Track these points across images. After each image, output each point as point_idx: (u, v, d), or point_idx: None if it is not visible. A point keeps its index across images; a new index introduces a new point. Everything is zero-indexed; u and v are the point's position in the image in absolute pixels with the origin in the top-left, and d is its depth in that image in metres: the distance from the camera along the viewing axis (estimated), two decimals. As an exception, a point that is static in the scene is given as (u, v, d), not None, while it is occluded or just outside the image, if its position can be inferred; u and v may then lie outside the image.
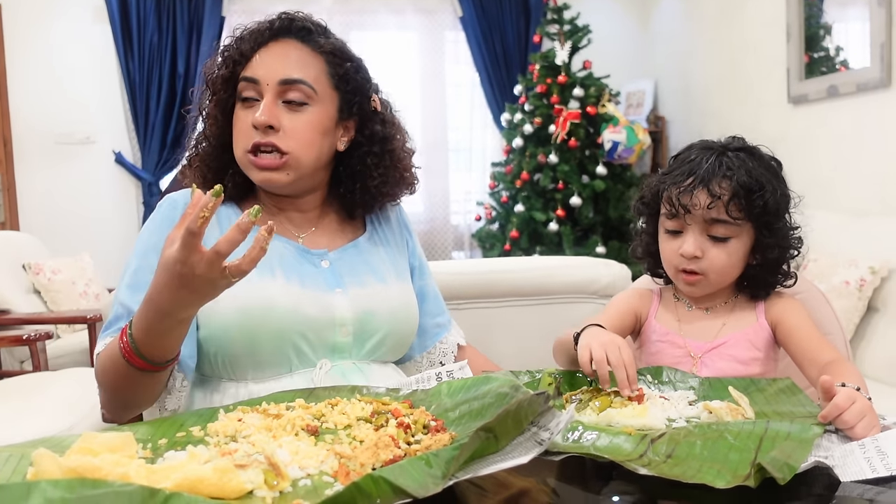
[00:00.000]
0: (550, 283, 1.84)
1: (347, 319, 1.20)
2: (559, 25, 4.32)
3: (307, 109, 1.19)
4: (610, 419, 0.92)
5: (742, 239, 1.19)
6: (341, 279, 1.23)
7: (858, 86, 3.15)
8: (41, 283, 3.48)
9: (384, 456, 0.76)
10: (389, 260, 1.32)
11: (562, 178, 4.12)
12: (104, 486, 0.61)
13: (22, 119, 4.40)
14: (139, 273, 1.15)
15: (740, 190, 1.15)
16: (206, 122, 1.25)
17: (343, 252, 1.27)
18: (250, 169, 1.19)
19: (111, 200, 4.57)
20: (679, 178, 1.19)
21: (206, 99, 1.26)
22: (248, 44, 1.21)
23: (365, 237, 1.32)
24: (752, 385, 1.03)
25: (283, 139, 1.17)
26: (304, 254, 1.23)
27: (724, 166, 1.16)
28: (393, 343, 1.26)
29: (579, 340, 1.11)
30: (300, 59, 1.21)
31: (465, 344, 1.41)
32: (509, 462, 0.72)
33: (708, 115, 4.41)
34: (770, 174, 1.19)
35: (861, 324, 2.60)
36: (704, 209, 1.16)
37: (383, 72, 5.31)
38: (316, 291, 1.19)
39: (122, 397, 1.08)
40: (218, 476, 0.65)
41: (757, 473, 0.72)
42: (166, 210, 1.22)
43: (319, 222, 1.29)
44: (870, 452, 0.80)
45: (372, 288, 1.25)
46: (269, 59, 1.20)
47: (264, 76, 1.18)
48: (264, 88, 1.18)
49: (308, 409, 0.92)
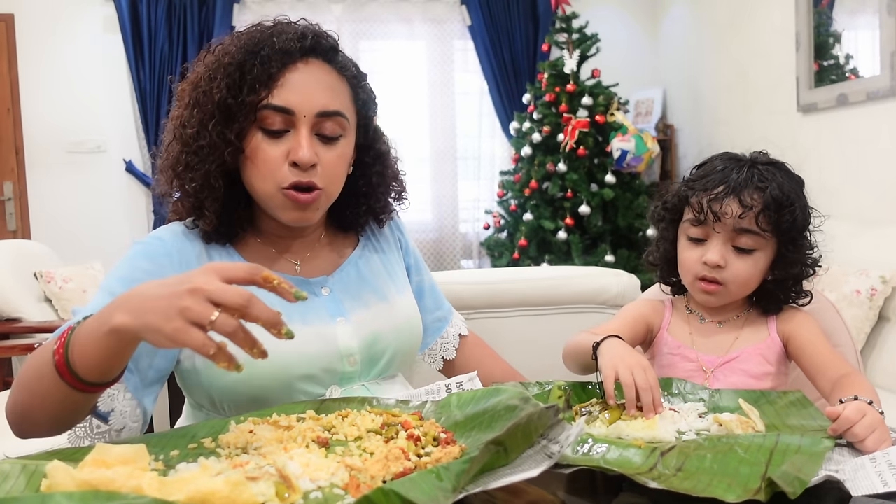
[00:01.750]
0: (559, 294, 1.84)
1: (353, 349, 1.15)
2: (568, 34, 4.33)
3: (340, 142, 1.11)
4: (620, 432, 0.92)
5: (765, 252, 1.18)
6: (342, 306, 1.17)
7: (868, 94, 3.14)
8: (52, 291, 3.51)
9: (394, 468, 0.76)
10: (387, 271, 1.27)
11: (570, 186, 4.12)
12: (118, 499, 0.61)
13: (34, 128, 4.44)
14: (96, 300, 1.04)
15: (772, 202, 1.14)
16: (208, 151, 1.07)
17: (341, 274, 1.21)
18: (283, 207, 1.09)
19: (122, 209, 4.59)
20: (710, 185, 1.18)
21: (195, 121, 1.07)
22: (276, 66, 1.06)
23: (359, 250, 1.26)
24: (762, 398, 1.02)
25: (319, 176, 1.08)
26: (304, 285, 1.15)
27: (757, 178, 1.16)
28: (401, 359, 1.24)
29: (601, 355, 1.09)
30: (332, 86, 1.10)
31: (466, 334, 1.38)
32: (519, 475, 0.72)
33: (717, 123, 4.40)
34: (798, 190, 1.19)
35: (872, 333, 2.58)
36: (735, 218, 1.15)
37: (392, 81, 5.31)
38: (318, 325, 1.13)
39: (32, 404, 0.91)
40: (230, 489, 0.66)
41: (767, 487, 0.72)
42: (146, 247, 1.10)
43: (316, 244, 1.23)
44: (881, 466, 0.79)
45: (375, 308, 1.20)
46: (303, 85, 1.07)
47: (300, 106, 1.06)
48: (299, 120, 1.06)
49: (318, 420, 0.93)
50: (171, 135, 1.12)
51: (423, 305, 1.35)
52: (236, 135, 1.06)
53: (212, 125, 1.06)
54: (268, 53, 1.06)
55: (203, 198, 1.09)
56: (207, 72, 1.08)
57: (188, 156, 1.08)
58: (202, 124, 1.06)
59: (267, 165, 1.07)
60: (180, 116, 1.10)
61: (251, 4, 4.65)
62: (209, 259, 1.14)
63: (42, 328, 3.05)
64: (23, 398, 0.92)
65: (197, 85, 1.09)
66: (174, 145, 1.11)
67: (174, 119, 1.12)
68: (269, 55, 1.06)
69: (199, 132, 1.07)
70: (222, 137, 1.06)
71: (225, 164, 1.08)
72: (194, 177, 1.08)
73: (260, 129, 1.07)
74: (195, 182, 1.08)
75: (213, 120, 1.06)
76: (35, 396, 0.90)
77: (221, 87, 1.05)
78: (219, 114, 1.06)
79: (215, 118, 1.06)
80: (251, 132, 1.07)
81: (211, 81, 1.07)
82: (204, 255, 1.14)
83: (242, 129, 1.06)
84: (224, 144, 1.06)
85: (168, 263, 1.09)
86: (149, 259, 1.08)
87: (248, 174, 1.10)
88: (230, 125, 1.06)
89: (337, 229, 1.27)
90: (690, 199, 1.20)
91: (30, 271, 3.50)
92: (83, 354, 0.84)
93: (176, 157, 1.10)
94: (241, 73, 1.06)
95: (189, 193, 1.09)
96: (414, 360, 1.31)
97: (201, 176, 1.07)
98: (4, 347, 2.85)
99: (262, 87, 1.05)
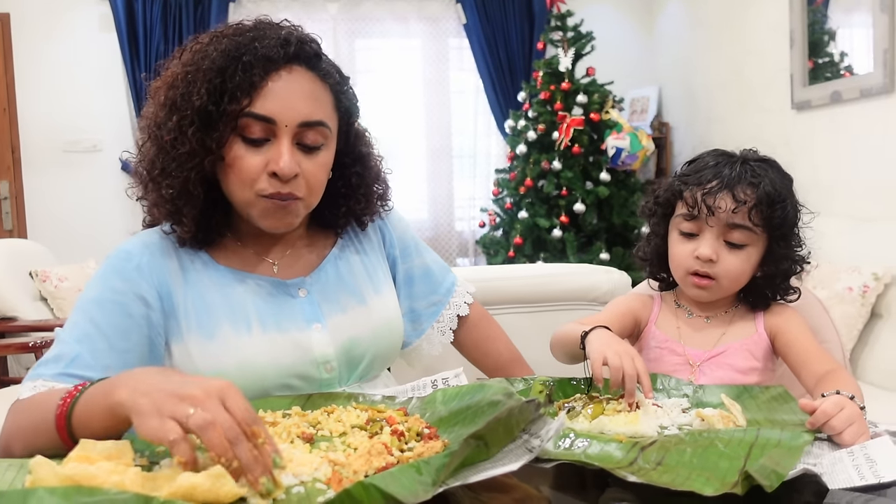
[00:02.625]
0: (550, 291, 1.85)
1: (330, 356, 1.14)
2: (563, 32, 4.33)
3: (321, 151, 1.09)
4: (602, 427, 0.93)
5: (756, 248, 1.20)
6: (319, 310, 1.15)
7: (862, 91, 3.15)
8: (48, 290, 3.51)
9: (377, 463, 0.77)
10: (365, 270, 1.24)
11: (565, 184, 4.13)
12: (100, 494, 0.62)
13: (30, 127, 4.44)
14: (79, 326, 1.02)
15: (765, 198, 1.15)
16: (187, 158, 1.03)
17: (319, 274, 1.18)
18: (263, 214, 1.07)
19: (117, 208, 4.59)
20: (703, 180, 1.19)
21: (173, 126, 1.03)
22: (258, 73, 1.02)
23: (337, 250, 1.23)
24: (744, 392, 1.03)
25: (299, 186, 1.06)
26: (280, 286, 1.14)
27: (750, 174, 1.17)
28: (381, 361, 1.23)
29: (589, 343, 1.11)
30: (315, 95, 1.07)
31: (467, 314, 1.34)
32: (500, 469, 0.72)
33: (712, 120, 4.41)
34: (789, 187, 1.20)
35: (864, 330, 2.59)
36: (728, 213, 1.16)
37: (388, 79, 5.31)
38: (294, 332, 1.11)
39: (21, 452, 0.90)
40: (211, 482, 0.66)
41: (745, 481, 0.73)
42: (115, 262, 1.08)
43: (294, 245, 1.20)
44: (858, 460, 0.80)
45: (352, 312, 1.18)
46: (285, 94, 1.04)
47: (282, 116, 1.03)
48: (281, 130, 1.03)
49: (304, 416, 0.93)
50: (145, 134, 1.09)
51: (415, 292, 1.32)
52: (216, 143, 1.03)
53: (191, 132, 1.02)
54: (250, 60, 1.02)
55: (181, 205, 1.06)
56: (186, 73, 1.04)
57: (165, 161, 1.05)
58: (181, 130, 1.03)
59: (246, 174, 1.04)
60: (155, 116, 1.07)
61: (247, 3, 4.66)
62: (180, 268, 1.10)
63: (37, 327, 3.06)
64: (16, 445, 0.92)
65: (173, 85, 1.05)
66: (149, 147, 1.08)
67: (148, 118, 1.08)
68: (251, 62, 1.02)
69: (177, 138, 1.03)
70: (202, 145, 1.03)
71: (204, 172, 1.05)
72: (172, 183, 1.05)
73: (240, 137, 1.04)
74: (173, 189, 1.05)
75: (193, 126, 1.02)
76: (28, 446, 0.89)
77: (202, 93, 1.01)
78: (198, 120, 1.02)
79: (195, 125, 1.02)
80: (231, 139, 1.04)
81: (190, 85, 1.03)
82: (175, 263, 1.11)
83: (222, 136, 1.03)
84: (204, 152, 1.03)
85: (138, 276, 1.07)
86: (119, 276, 1.06)
87: (227, 181, 1.07)
88: (210, 133, 1.03)
89: (317, 228, 1.25)
90: (684, 193, 1.21)
91: (25, 270, 3.50)
92: (85, 424, 0.84)
93: (152, 161, 1.07)
94: (223, 80, 1.02)
95: (166, 199, 1.06)
96: (393, 359, 1.29)
97: (180, 183, 1.04)
98: (0, 346, 2.86)
99: (244, 95, 1.02)
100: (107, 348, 1.01)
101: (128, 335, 1.04)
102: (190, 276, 1.10)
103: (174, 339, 1.08)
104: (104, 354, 1.01)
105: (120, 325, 1.03)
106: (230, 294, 1.11)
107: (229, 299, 1.11)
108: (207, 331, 1.08)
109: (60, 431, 0.86)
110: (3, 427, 0.95)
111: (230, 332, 1.08)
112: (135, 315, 1.05)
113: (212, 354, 1.06)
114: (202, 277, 1.11)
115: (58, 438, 0.86)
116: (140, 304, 1.05)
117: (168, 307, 1.08)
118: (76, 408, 0.85)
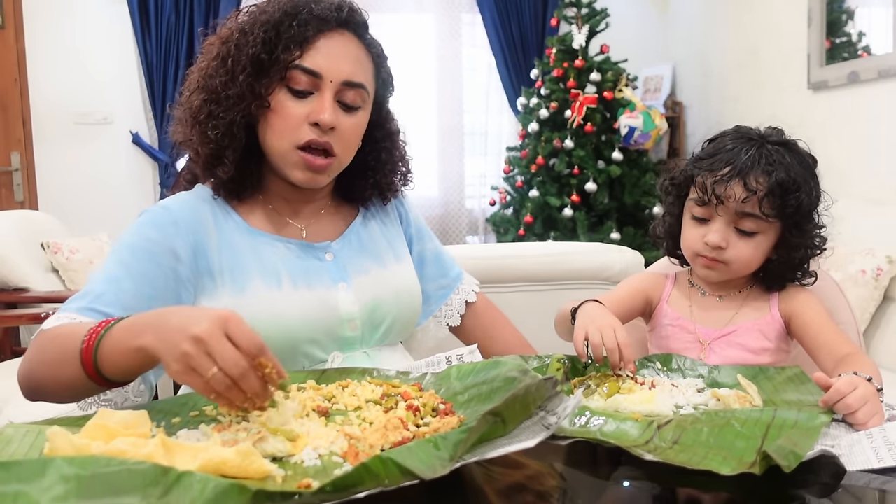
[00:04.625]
0: (563, 269, 1.84)
1: (355, 314, 1.19)
2: (577, 9, 4.28)
3: (358, 112, 1.17)
4: (618, 405, 0.93)
5: (768, 235, 1.18)
6: (345, 271, 1.22)
7: (880, 72, 3.11)
8: (59, 262, 3.52)
9: (393, 438, 0.77)
10: (386, 240, 1.31)
11: (577, 163, 4.10)
12: (118, 465, 0.62)
13: (41, 99, 4.43)
14: (109, 267, 1.07)
15: (777, 188, 1.13)
16: (235, 101, 1.11)
17: (344, 241, 1.25)
18: (296, 166, 1.14)
19: (128, 181, 4.59)
20: (716, 166, 1.17)
21: (224, 72, 1.11)
22: (312, 30, 1.12)
23: (360, 218, 1.30)
24: (760, 373, 1.03)
25: (336, 141, 1.14)
26: (308, 249, 1.21)
27: (765, 160, 1.14)
28: (401, 326, 1.27)
29: (576, 319, 1.12)
30: (359, 59, 1.16)
31: (474, 300, 1.39)
32: (516, 445, 0.72)
33: (726, 100, 4.36)
34: (807, 173, 1.17)
35: (877, 313, 2.58)
36: (738, 202, 1.14)
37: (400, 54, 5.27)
38: (321, 290, 1.17)
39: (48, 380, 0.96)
40: (241, 458, 0.67)
41: (762, 461, 0.72)
42: (154, 215, 1.13)
43: (321, 211, 1.27)
44: (877, 442, 0.80)
45: (375, 274, 1.24)
46: (334, 53, 1.13)
47: (328, 72, 1.12)
48: (325, 84, 1.12)
49: (319, 390, 0.94)
50: (193, 85, 1.16)
51: (426, 273, 1.37)
52: (265, 88, 1.11)
53: (242, 77, 1.10)
54: (305, 17, 1.12)
55: (224, 146, 1.13)
56: (242, 27, 1.13)
57: (212, 105, 1.12)
58: (232, 75, 1.11)
59: (288, 122, 1.12)
60: (206, 68, 1.14)
61: (258, -24, 4.62)
62: (215, 227, 1.16)
63: (49, 298, 3.07)
64: (41, 374, 0.96)
65: (228, 39, 1.13)
66: (197, 95, 1.15)
67: (199, 70, 1.16)
68: (306, 19, 1.12)
69: (227, 83, 1.11)
70: (251, 90, 1.11)
71: (248, 116, 1.12)
72: (217, 125, 1.12)
73: (286, 87, 1.12)
74: (218, 130, 1.12)
75: (245, 72, 1.10)
76: (54, 376, 0.94)
77: (256, 42, 1.10)
78: (251, 67, 1.10)
79: (247, 70, 1.10)
80: (277, 88, 1.12)
81: (245, 35, 1.11)
82: (210, 222, 1.17)
83: (270, 83, 1.11)
84: (252, 96, 1.11)
85: (174, 232, 1.12)
86: (155, 227, 1.11)
87: (267, 129, 1.14)
88: (260, 79, 1.11)
89: (341, 200, 1.31)
90: (696, 178, 1.20)
91: (37, 242, 3.51)
92: (110, 360, 0.87)
93: (199, 106, 1.13)
94: (277, 32, 1.11)
95: (210, 140, 1.12)
96: (413, 329, 1.33)
97: (225, 124, 1.12)
98: (12, 317, 2.88)
99: (296, 48, 1.11)
100: (132, 290, 1.05)
101: (154, 283, 1.08)
102: (224, 236, 1.16)
103: (206, 296, 1.13)
104: (128, 296, 1.05)
105: (148, 272, 1.08)
106: (261, 253, 1.17)
107: (261, 258, 1.16)
108: (239, 285, 1.13)
109: (87, 366, 0.88)
110: (27, 357, 0.99)
111: (262, 286, 1.13)
112: (163, 265, 1.09)
113: (244, 308, 1.09)
114: (235, 237, 1.17)
115: (83, 372, 0.89)
116: (170, 257, 1.10)
117: (202, 264, 1.13)
118: (102, 345, 0.88)
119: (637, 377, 1.03)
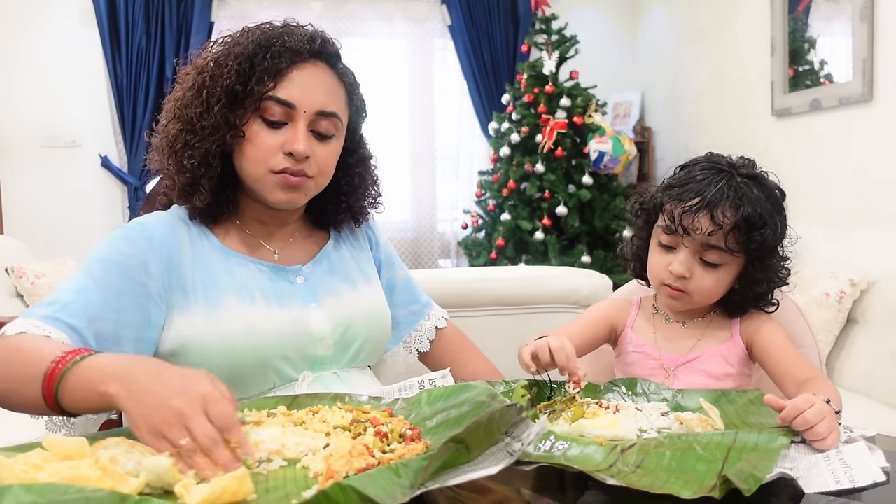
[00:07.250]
0: (532, 294, 1.85)
1: (326, 333, 1.20)
2: (547, 35, 4.35)
3: (332, 141, 1.19)
4: (582, 429, 0.93)
5: (731, 267, 1.19)
6: (315, 293, 1.23)
7: (841, 100, 3.19)
8: (24, 286, 3.47)
9: (357, 464, 0.77)
10: (356, 263, 1.33)
11: (548, 187, 4.14)
12: (76, 492, 0.61)
13: (8, 121, 4.38)
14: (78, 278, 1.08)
15: (743, 223, 1.14)
16: (210, 131, 1.13)
17: (316, 265, 1.27)
18: (275, 188, 1.15)
19: (96, 204, 4.55)
20: (685, 196, 1.17)
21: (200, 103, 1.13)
22: (285, 62, 1.14)
23: (331, 243, 1.32)
24: (722, 397, 1.04)
25: (311, 168, 1.16)
26: (280, 272, 1.22)
27: (733, 193, 1.14)
28: (371, 347, 1.28)
29: None
30: (332, 89, 1.19)
31: (444, 326, 1.41)
32: (479, 472, 0.72)
33: (694, 126, 4.44)
34: (774, 208, 1.17)
35: (840, 336, 2.62)
36: (704, 234, 1.15)
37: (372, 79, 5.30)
38: (294, 309, 1.19)
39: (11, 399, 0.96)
40: (237, 485, 0.68)
41: (723, 485, 0.73)
42: (128, 230, 1.14)
43: (294, 234, 1.29)
44: (834, 465, 0.81)
45: (346, 296, 1.26)
46: (307, 84, 1.15)
47: (302, 102, 1.14)
48: (299, 115, 1.14)
49: (289, 416, 0.93)
50: (170, 114, 1.18)
51: (396, 300, 1.38)
52: (239, 119, 1.13)
53: (217, 108, 1.12)
54: (278, 49, 1.14)
55: (200, 175, 1.15)
56: (217, 58, 1.15)
57: (188, 135, 1.14)
58: (207, 106, 1.13)
59: (262, 152, 1.14)
60: (182, 98, 1.16)
61: (230, 0, 4.63)
62: (190, 244, 1.17)
63: (13, 324, 3.02)
64: (3, 388, 0.96)
65: (203, 70, 1.16)
66: (173, 124, 1.16)
67: (175, 100, 1.18)
68: (279, 51, 1.14)
69: (202, 113, 1.13)
70: (226, 120, 1.13)
71: (224, 146, 1.14)
72: (193, 154, 1.14)
73: (260, 118, 1.14)
74: (194, 160, 1.14)
75: (220, 103, 1.13)
76: (14, 391, 0.94)
77: (231, 74, 1.12)
78: (225, 98, 1.13)
79: (222, 101, 1.12)
80: (252, 119, 1.14)
81: (220, 67, 1.14)
82: (186, 239, 1.18)
83: (245, 114, 1.13)
84: (227, 127, 1.13)
85: (148, 247, 1.13)
86: (129, 242, 1.12)
87: (243, 158, 1.16)
88: (235, 110, 1.13)
89: (313, 224, 1.33)
90: (665, 206, 1.21)
91: (1, 266, 3.46)
92: (72, 395, 0.88)
93: (175, 136, 1.15)
94: (252, 64, 1.13)
95: (186, 170, 1.14)
96: (382, 353, 1.34)
97: (201, 154, 1.14)
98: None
99: (270, 79, 1.13)
100: (99, 302, 1.06)
101: (122, 296, 1.08)
102: (198, 253, 1.17)
103: (179, 312, 1.13)
104: (95, 308, 1.05)
105: (117, 285, 1.08)
106: (235, 273, 1.18)
107: (234, 276, 1.18)
108: (213, 301, 1.14)
109: (47, 395, 0.89)
110: None
111: (235, 301, 1.15)
112: (133, 280, 1.10)
113: (218, 321, 1.11)
114: (210, 255, 1.18)
115: (41, 398, 0.90)
116: (142, 272, 1.10)
117: (175, 280, 1.13)
118: (66, 378, 0.88)
119: (602, 401, 1.04)
